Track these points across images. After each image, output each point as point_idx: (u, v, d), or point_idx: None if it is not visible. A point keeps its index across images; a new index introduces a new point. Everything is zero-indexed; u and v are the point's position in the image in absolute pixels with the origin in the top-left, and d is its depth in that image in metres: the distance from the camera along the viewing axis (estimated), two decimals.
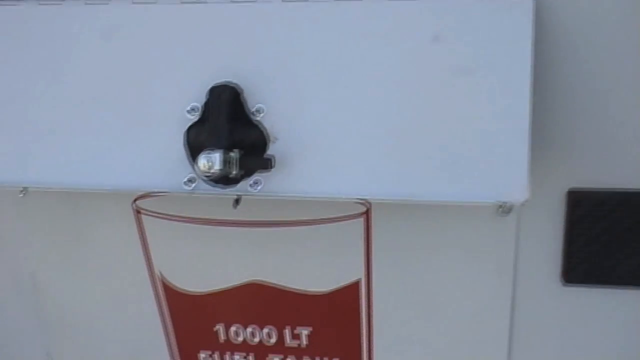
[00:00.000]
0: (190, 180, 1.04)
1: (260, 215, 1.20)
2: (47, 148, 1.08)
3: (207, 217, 1.22)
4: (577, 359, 1.23)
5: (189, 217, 1.22)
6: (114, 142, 1.07)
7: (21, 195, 1.25)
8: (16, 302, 1.39)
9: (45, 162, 1.09)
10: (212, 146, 0.98)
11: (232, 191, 1.04)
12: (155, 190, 1.07)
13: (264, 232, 1.21)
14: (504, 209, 1.12)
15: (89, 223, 1.27)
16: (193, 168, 1.03)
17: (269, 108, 1.02)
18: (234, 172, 0.99)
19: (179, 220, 1.22)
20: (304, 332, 1.30)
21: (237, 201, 1.09)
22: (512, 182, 0.97)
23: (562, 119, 1.05)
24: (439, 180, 1.00)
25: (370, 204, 1.16)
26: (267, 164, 0.99)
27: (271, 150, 1.02)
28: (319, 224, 1.19)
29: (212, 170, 0.96)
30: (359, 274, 1.22)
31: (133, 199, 1.22)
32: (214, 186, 1.04)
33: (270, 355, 1.34)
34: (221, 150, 0.96)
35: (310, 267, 1.23)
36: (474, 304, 1.21)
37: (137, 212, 1.23)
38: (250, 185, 1.03)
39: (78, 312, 1.38)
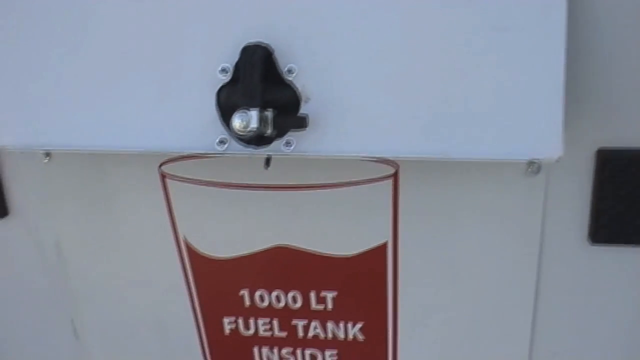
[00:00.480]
0: (222, 142, 1.04)
1: (286, 179, 1.20)
2: (75, 110, 1.08)
3: (232, 181, 1.22)
4: (603, 319, 1.24)
5: (214, 182, 1.22)
6: (143, 103, 1.06)
7: (46, 160, 1.25)
8: (40, 271, 1.39)
9: (74, 124, 1.08)
10: (246, 105, 0.98)
11: (265, 151, 1.03)
12: (187, 151, 1.06)
13: (291, 196, 1.21)
14: (533, 169, 1.13)
15: (114, 189, 1.27)
16: (226, 128, 1.02)
17: (300, 68, 1.02)
18: (269, 132, 0.99)
19: (204, 185, 1.22)
20: (329, 295, 1.30)
21: (267, 162, 1.09)
22: (546, 139, 0.97)
23: (592, 77, 1.05)
24: (472, 137, 1.00)
25: (398, 165, 1.16)
26: (302, 123, 0.99)
27: (303, 111, 1.02)
28: (346, 186, 1.19)
29: (248, 129, 0.96)
30: (385, 236, 1.23)
31: (159, 163, 1.22)
32: (246, 147, 1.03)
33: (295, 320, 1.35)
34: (257, 109, 0.96)
35: (337, 230, 1.24)
36: (501, 265, 1.22)
37: (163, 176, 1.23)
38: (284, 145, 1.03)
39: (102, 280, 1.38)
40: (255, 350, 1.40)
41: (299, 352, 1.39)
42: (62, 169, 1.26)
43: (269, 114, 0.98)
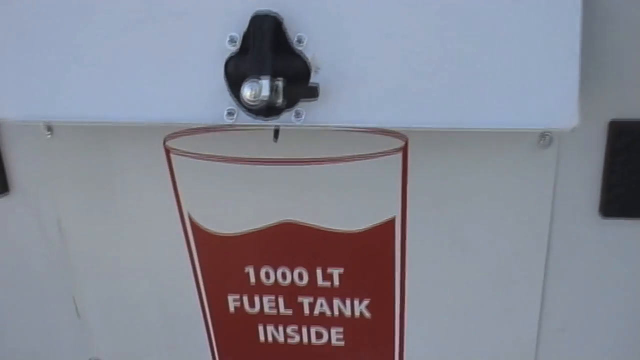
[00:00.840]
0: (230, 113, 1.02)
1: (294, 153, 1.18)
2: (78, 81, 1.05)
3: (238, 155, 1.20)
4: (613, 295, 1.23)
5: (220, 156, 1.20)
6: (148, 74, 1.03)
7: (48, 136, 1.22)
8: (41, 249, 1.37)
9: (77, 95, 1.05)
10: (256, 75, 0.96)
11: (274, 122, 1.01)
12: (195, 123, 1.04)
13: (298, 170, 1.20)
14: (545, 141, 1.11)
15: (117, 165, 1.24)
16: (234, 99, 1.00)
17: (310, 37, 1.00)
18: (279, 101, 0.97)
19: (209, 160, 1.20)
20: (336, 272, 1.29)
21: (276, 134, 1.07)
22: (561, 108, 0.96)
23: (606, 48, 1.03)
24: (485, 107, 0.98)
25: (407, 138, 1.14)
26: (313, 93, 0.97)
27: (313, 81, 1.00)
28: (354, 160, 1.17)
29: (259, 98, 0.94)
30: (394, 211, 1.21)
31: (163, 138, 1.20)
32: (255, 118, 1.01)
33: (301, 298, 1.33)
34: (268, 77, 0.94)
35: (345, 205, 1.22)
36: (510, 240, 1.21)
37: (167, 152, 1.21)
38: (293, 116, 1.01)
39: (104, 258, 1.36)
40: (260, 328, 1.38)
41: (304, 329, 1.37)
42: (64, 145, 1.23)
43: (280, 83, 0.96)
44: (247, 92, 0.95)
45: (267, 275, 1.31)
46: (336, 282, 1.30)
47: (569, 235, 1.19)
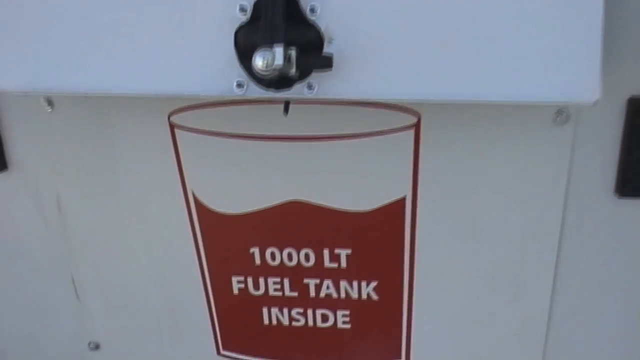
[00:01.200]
0: (240, 85, 0.98)
1: (302, 130, 1.15)
2: (81, 51, 1.01)
3: (245, 132, 1.16)
4: (626, 277, 1.21)
5: (226, 133, 1.17)
6: (154, 44, 1.00)
7: (48, 110, 1.19)
8: (40, 228, 1.33)
9: (79, 66, 1.01)
10: (268, 43, 0.92)
11: (286, 94, 0.98)
12: (203, 95, 1.00)
13: (306, 147, 1.16)
14: (562, 118, 1.09)
15: (119, 141, 1.21)
16: (244, 70, 0.97)
17: (323, 7, 0.96)
18: (292, 71, 0.93)
19: (215, 136, 1.17)
20: (344, 253, 1.26)
21: (286, 108, 1.03)
22: (583, 81, 0.93)
23: (625, 22, 1.01)
24: (504, 79, 0.95)
25: (420, 115, 1.11)
26: (327, 63, 0.93)
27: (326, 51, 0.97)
28: (365, 137, 1.14)
29: (272, 67, 0.90)
30: (404, 190, 1.18)
31: (168, 113, 1.16)
32: (266, 90, 0.98)
33: (307, 279, 1.30)
34: (281, 45, 0.90)
35: (354, 184, 1.19)
36: (524, 220, 1.18)
37: (172, 127, 1.17)
38: (306, 88, 0.97)
39: (105, 237, 1.32)
40: (265, 310, 1.35)
41: (309, 312, 1.34)
42: (65, 120, 1.19)
43: (293, 52, 0.92)
44: (259, 61, 0.91)
45: (273, 256, 1.28)
46: (343, 264, 1.27)
47: (584, 216, 1.17)
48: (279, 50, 0.90)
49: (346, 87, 0.97)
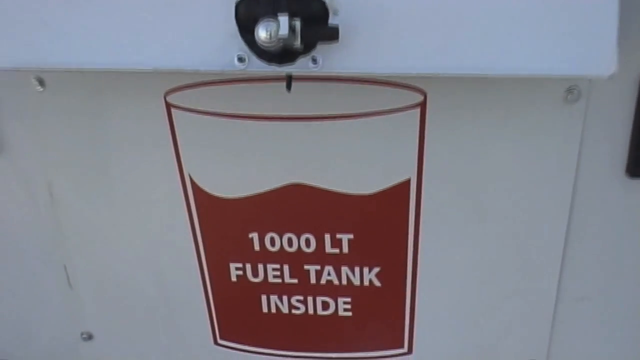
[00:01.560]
0: (241, 59, 0.94)
1: (304, 109, 1.11)
2: (75, 24, 0.96)
3: (244, 112, 1.12)
4: (636, 261, 1.18)
5: (224, 113, 1.12)
6: (150, 16, 0.95)
7: (39, 89, 1.14)
8: (31, 214, 1.28)
9: (72, 39, 0.96)
10: (271, 14, 0.88)
11: (289, 69, 0.94)
12: (202, 69, 0.96)
13: (307, 127, 1.12)
14: (573, 95, 1.05)
15: (113, 122, 1.16)
16: (246, 44, 0.92)
17: None
18: (297, 43, 0.89)
19: (213, 116, 1.13)
20: (345, 238, 1.22)
21: (289, 83, 0.99)
22: (599, 54, 0.89)
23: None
24: (516, 52, 0.91)
25: (426, 93, 1.07)
26: (333, 34, 0.89)
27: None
28: (369, 116, 1.10)
29: (276, 38, 0.86)
30: (409, 172, 1.15)
31: (164, 93, 1.12)
32: (268, 64, 0.94)
33: (307, 266, 1.27)
34: (286, 15, 0.86)
35: (357, 166, 1.15)
36: (532, 202, 1.15)
37: (168, 107, 1.13)
38: (310, 62, 0.93)
39: (98, 222, 1.27)
40: (264, 298, 1.32)
41: (309, 299, 1.31)
42: (56, 100, 1.15)
43: (297, 22, 0.88)
44: (262, 32, 0.87)
45: (272, 242, 1.24)
46: (345, 249, 1.23)
47: (593, 198, 1.14)
48: (283, 20, 0.86)
49: (352, 61, 0.93)
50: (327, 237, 1.23)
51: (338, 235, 1.22)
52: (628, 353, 1.30)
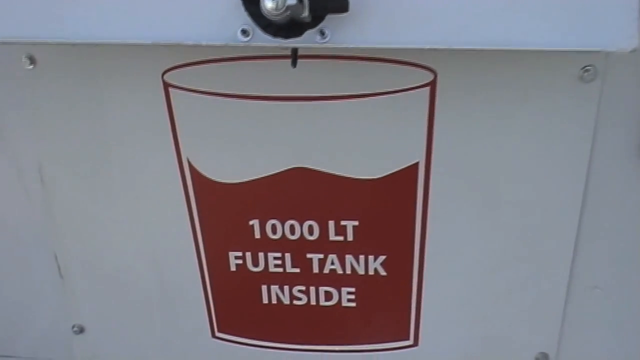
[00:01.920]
0: (245, 32, 0.89)
1: (308, 89, 1.06)
2: None
3: (245, 92, 1.07)
4: None
5: (224, 93, 1.08)
6: None
7: (30, 67, 1.09)
8: (20, 200, 1.22)
9: (66, 11, 0.91)
10: None
11: (296, 42, 0.89)
12: (204, 43, 0.91)
13: (311, 108, 1.08)
14: (589, 74, 1.01)
15: (108, 103, 1.11)
16: (250, 16, 0.87)
17: None
18: (305, 14, 0.84)
19: (213, 95, 1.08)
20: (350, 224, 1.18)
21: (294, 58, 0.95)
22: (620, 28, 0.85)
23: None
24: (534, 25, 0.87)
25: (436, 73, 1.03)
26: (342, 5, 0.85)
27: None
28: (376, 96, 1.06)
29: (284, 7, 0.81)
30: (417, 156, 1.10)
31: (161, 71, 1.07)
32: (273, 37, 0.89)
33: (309, 255, 1.22)
34: None
35: (363, 149, 1.10)
36: (544, 188, 1.10)
37: (166, 86, 1.08)
38: (318, 35, 0.88)
39: (91, 209, 1.22)
40: (264, 289, 1.27)
41: (312, 290, 1.26)
42: (48, 79, 1.09)
43: None
44: (269, 2, 0.82)
45: (274, 229, 1.19)
46: (350, 237, 1.19)
47: (607, 182, 1.09)
48: None
49: (362, 34, 0.88)
50: (331, 224, 1.18)
51: (342, 222, 1.18)
52: None
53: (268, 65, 1.03)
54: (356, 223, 1.17)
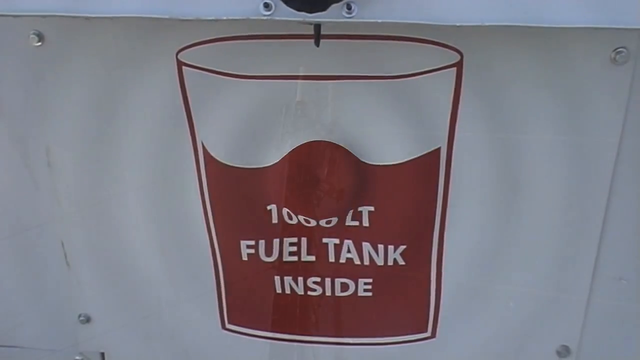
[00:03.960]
0: (267, 6, 0.86)
1: (326, 69, 1.02)
2: None
3: (264, 72, 1.03)
4: None
5: (242, 74, 1.03)
6: None
7: (38, 44, 1.04)
8: (26, 184, 1.18)
9: None
10: None
11: (320, 17, 0.85)
12: (225, 18, 0.87)
13: (330, 89, 1.04)
14: (622, 56, 0.98)
15: (119, 83, 1.07)
16: None
17: None
18: None
19: (229, 77, 1.04)
20: (367, 210, 1.13)
21: (318, 36, 0.91)
22: None
23: None
24: (566, 1, 0.84)
25: (462, 54, 0.99)
26: None
27: None
28: (398, 78, 1.02)
29: None
30: (439, 141, 1.06)
31: (176, 50, 1.03)
32: (297, 12, 0.85)
33: (325, 240, 1.18)
34: None
35: (382, 133, 1.07)
36: (571, 175, 1.06)
37: (180, 66, 1.04)
38: (344, 10, 0.85)
39: (99, 195, 1.17)
40: (277, 279, 1.22)
41: (327, 281, 1.22)
42: (56, 57, 1.05)
43: None
44: None
45: (290, 215, 1.15)
46: (365, 223, 1.14)
47: (636, 170, 1.06)
48: None
49: (390, 9, 0.85)
50: (350, 211, 1.14)
51: (360, 208, 1.14)
52: None
53: (289, 44, 0.99)
54: (373, 209, 1.13)
